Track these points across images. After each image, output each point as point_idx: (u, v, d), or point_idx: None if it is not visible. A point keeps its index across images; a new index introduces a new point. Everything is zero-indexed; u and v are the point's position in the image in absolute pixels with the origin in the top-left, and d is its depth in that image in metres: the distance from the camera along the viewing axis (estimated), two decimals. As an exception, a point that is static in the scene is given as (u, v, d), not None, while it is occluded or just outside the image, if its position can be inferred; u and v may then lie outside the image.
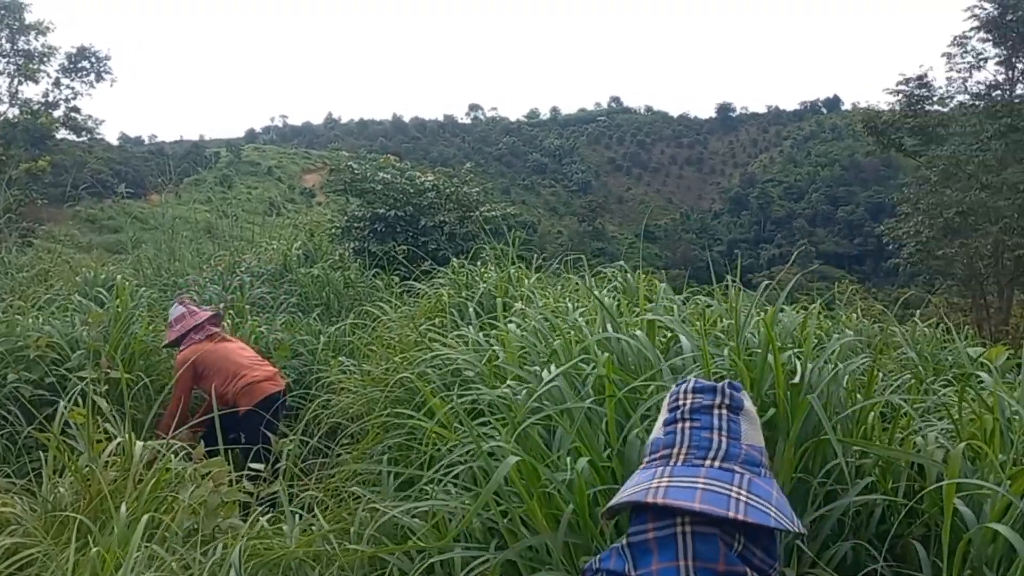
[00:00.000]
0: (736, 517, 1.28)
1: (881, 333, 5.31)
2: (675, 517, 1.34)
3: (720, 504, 1.30)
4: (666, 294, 4.45)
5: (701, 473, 1.38)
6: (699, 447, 1.42)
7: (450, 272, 6.06)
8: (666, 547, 1.33)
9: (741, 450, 1.42)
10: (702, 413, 1.47)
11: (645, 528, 1.37)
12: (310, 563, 2.92)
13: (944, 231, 25.02)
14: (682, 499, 1.31)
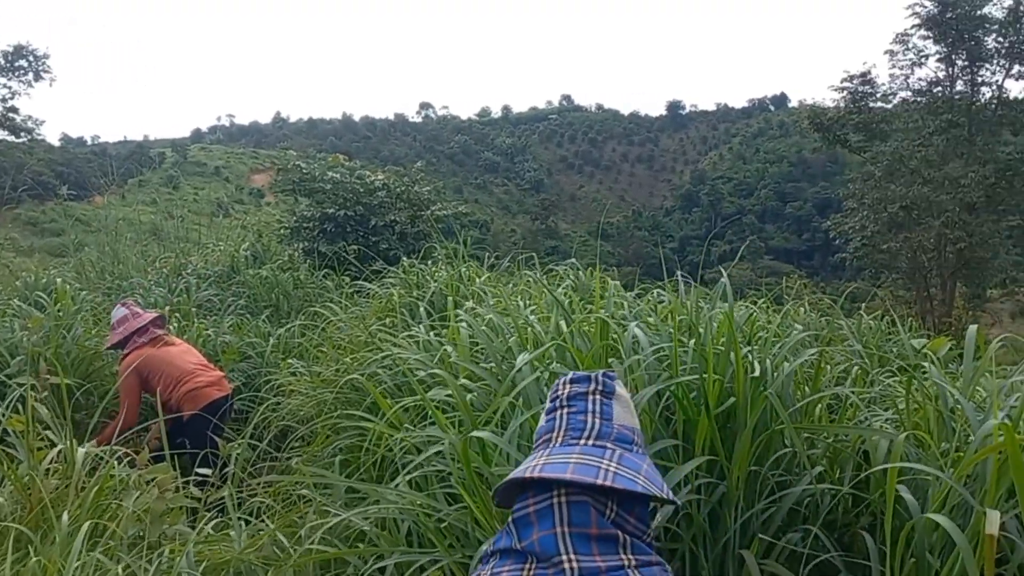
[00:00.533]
0: (604, 484, 1.43)
1: (828, 326, 5.40)
2: (552, 490, 1.47)
3: (590, 474, 1.44)
4: (617, 291, 4.46)
5: (576, 450, 1.52)
6: (575, 428, 1.58)
7: (401, 272, 6.01)
8: (544, 517, 1.46)
9: (613, 429, 1.58)
10: (578, 399, 1.62)
11: (527, 503, 1.50)
12: (262, 566, 2.87)
13: (888, 225, 25.59)
14: (556, 472, 1.45)
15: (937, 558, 2.37)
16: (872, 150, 27.11)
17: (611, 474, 1.46)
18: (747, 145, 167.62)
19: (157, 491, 3.10)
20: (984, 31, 26.17)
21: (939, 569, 2.33)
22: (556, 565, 1.41)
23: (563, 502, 1.46)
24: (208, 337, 6.24)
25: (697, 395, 2.96)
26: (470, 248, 6.62)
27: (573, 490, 1.46)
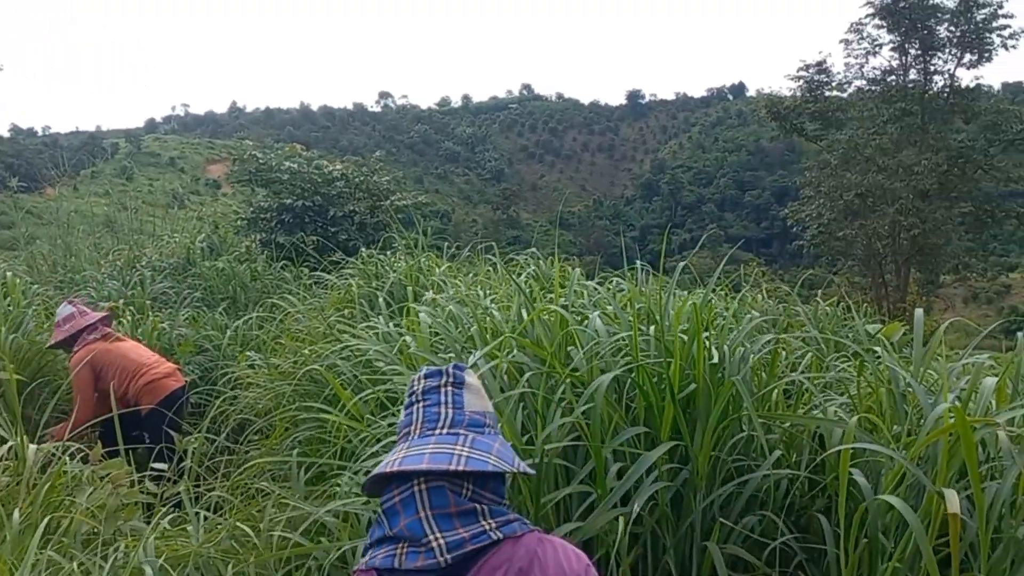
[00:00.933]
0: (457, 469, 1.58)
1: (785, 313, 5.46)
2: (412, 480, 1.61)
3: (444, 461, 1.59)
4: (578, 280, 4.47)
5: (432, 440, 1.65)
6: (430, 420, 1.70)
7: (359, 262, 5.96)
8: (408, 505, 1.61)
9: (465, 416, 1.72)
10: (432, 393, 1.74)
11: (392, 495, 1.64)
12: (221, 560, 2.84)
13: (844, 213, 25.96)
14: (413, 464, 1.59)
15: (891, 540, 2.41)
16: (828, 139, 27.47)
17: (463, 459, 1.61)
18: (706, 134, 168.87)
19: (111, 487, 3.05)
20: (936, 20, 26.62)
21: (892, 550, 2.37)
22: (425, 544, 1.57)
23: (423, 489, 1.61)
24: (163, 330, 6.14)
25: (659, 381, 2.98)
26: (431, 238, 6.59)
27: (431, 477, 1.61)
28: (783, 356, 3.87)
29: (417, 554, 1.58)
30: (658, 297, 3.54)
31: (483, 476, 1.65)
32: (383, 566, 1.60)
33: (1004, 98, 29.65)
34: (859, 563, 2.52)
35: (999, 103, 26.71)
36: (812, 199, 27.30)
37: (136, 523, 2.99)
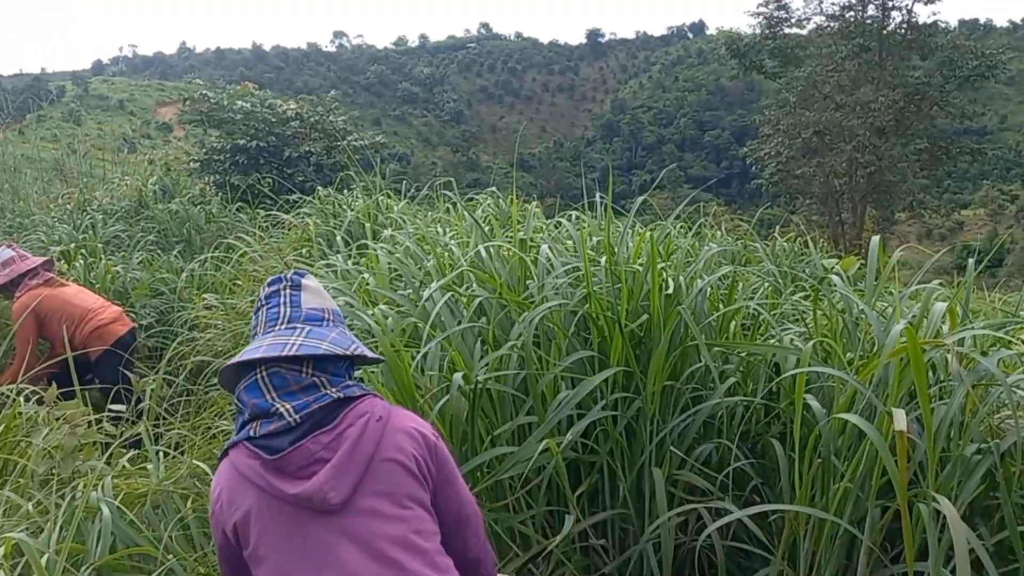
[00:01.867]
0: (288, 354, 1.78)
1: (744, 249, 5.50)
2: (255, 369, 1.81)
3: (277, 350, 1.79)
4: (536, 217, 4.45)
5: (270, 336, 1.85)
6: (272, 320, 1.90)
7: (317, 201, 5.86)
8: (252, 389, 1.80)
9: (302, 312, 1.90)
10: (273, 297, 1.94)
11: (241, 384, 1.83)
12: (180, 497, 2.83)
13: (803, 151, 26.15)
14: (251, 355, 1.80)
15: (842, 461, 2.47)
16: (787, 76, 27.49)
17: (296, 346, 1.81)
18: (666, 73, 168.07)
19: (68, 427, 3.01)
20: (895, -46, 26.56)
21: (844, 471, 2.43)
22: (273, 415, 1.76)
23: (264, 376, 1.80)
24: (117, 274, 6.02)
25: (612, 313, 2.99)
26: (389, 181, 6.50)
27: (269, 365, 1.81)
28: (740, 289, 3.90)
29: (269, 423, 1.76)
30: (615, 230, 3.53)
31: (322, 359, 1.84)
32: (239, 439, 1.80)
33: (960, 34, 29.76)
34: (811, 485, 2.59)
35: (955, 39, 26.84)
36: (771, 137, 27.41)
37: (94, 462, 2.96)
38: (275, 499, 1.74)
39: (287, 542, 1.73)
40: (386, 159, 8.64)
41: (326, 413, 1.79)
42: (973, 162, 28.43)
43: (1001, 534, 2.48)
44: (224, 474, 1.82)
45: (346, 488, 1.73)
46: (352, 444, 1.76)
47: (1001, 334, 2.76)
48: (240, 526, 1.78)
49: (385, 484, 1.79)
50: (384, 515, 1.76)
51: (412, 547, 1.76)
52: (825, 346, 3.13)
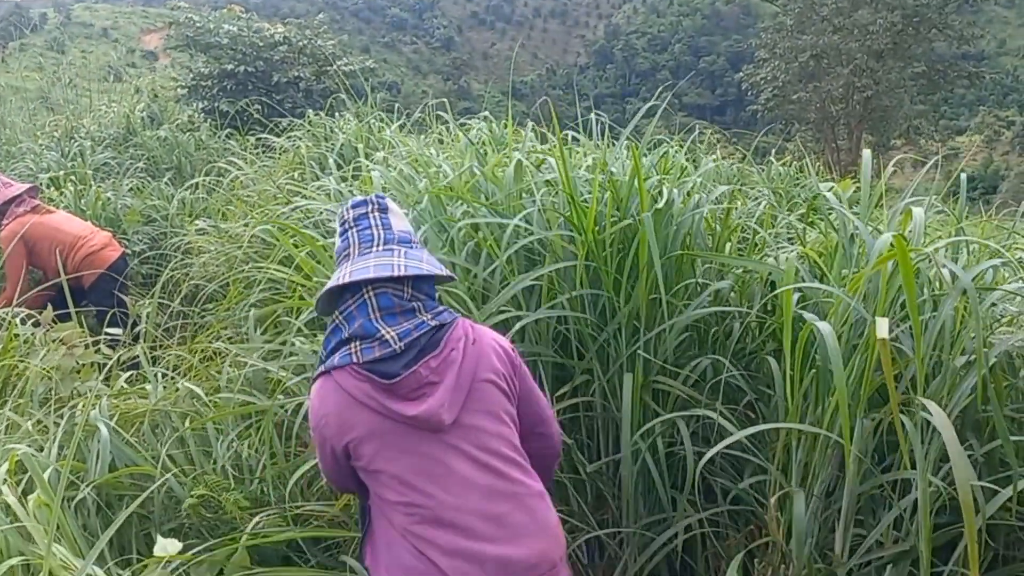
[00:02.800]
0: (397, 275, 1.92)
1: (739, 173, 5.47)
2: (362, 289, 1.94)
3: (386, 270, 1.92)
4: (531, 139, 4.40)
5: (372, 256, 1.96)
6: (366, 241, 2.00)
7: (307, 124, 5.78)
8: (361, 308, 1.94)
9: (395, 235, 2.02)
10: (362, 219, 2.03)
11: (347, 303, 1.96)
12: (179, 416, 2.85)
13: (799, 75, 25.81)
14: (363, 275, 1.91)
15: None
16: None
17: (402, 266, 1.94)
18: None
19: (65, 349, 3.01)
20: None
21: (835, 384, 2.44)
22: (376, 340, 1.91)
23: (372, 296, 1.94)
24: (108, 200, 5.97)
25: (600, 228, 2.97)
26: (380, 107, 6.40)
27: (377, 285, 1.94)
28: (737, 208, 3.89)
29: (371, 348, 1.90)
30: (608, 151, 3.51)
31: (419, 279, 1.98)
32: (341, 363, 1.92)
33: (960, -46, 29.08)
34: (804, 399, 2.61)
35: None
36: (767, 62, 27.00)
37: (93, 383, 2.98)
38: (389, 420, 1.90)
39: (404, 457, 1.91)
40: (376, 88, 8.48)
41: (427, 339, 1.94)
42: (970, 87, 28.13)
43: (992, 443, 2.52)
44: (331, 396, 1.95)
45: (456, 408, 1.93)
46: (457, 368, 1.94)
47: (992, 243, 2.76)
48: (354, 445, 1.93)
49: (485, 403, 1.99)
50: (486, 431, 1.97)
51: (509, 458, 1.99)
52: (820, 263, 3.14)
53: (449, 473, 1.91)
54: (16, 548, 1.86)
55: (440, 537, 1.89)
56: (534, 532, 1.97)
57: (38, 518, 1.95)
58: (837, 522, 2.49)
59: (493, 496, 1.93)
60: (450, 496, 1.90)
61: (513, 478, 1.98)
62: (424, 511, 1.90)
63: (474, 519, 1.90)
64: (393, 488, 1.92)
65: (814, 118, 26.62)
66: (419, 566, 1.89)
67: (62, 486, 1.88)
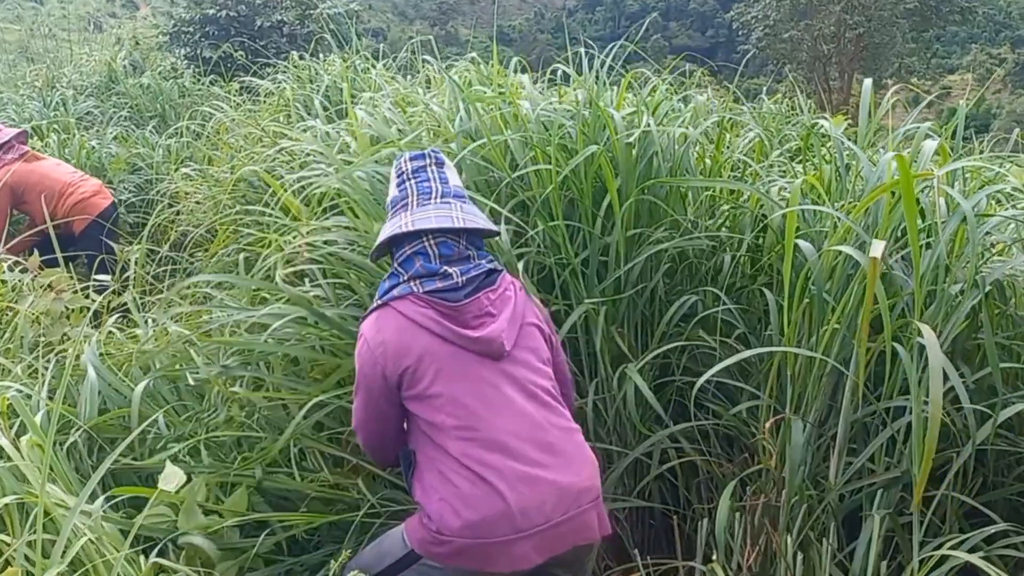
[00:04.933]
0: (457, 227, 2.07)
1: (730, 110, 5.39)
2: (421, 238, 2.08)
3: (447, 221, 2.06)
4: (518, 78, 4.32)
5: (431, 207, 2.10)
6: (424, 193, 2.13)
7: (291, 66, 5.67)
8: (422, 253, 2.07)
9: (451, 188, 2.16)
10: (420, 172, 2.16)
11: (405, 250, 2.09)
12: (169, 359, 2.83)
13: (791, 13, 25.53)
14: (425, 224, 2.05)
15: (833, 296, 2.48)
16: (776, -66, 26.50)
17: (461, 219, 2.08)
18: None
19: (54, 294, 2.98)
20: None
21: (835, 305, 2.44)
22: (439, 275, 2.05)
23: (432, 243, 2.08)
24: (92, 149, 5.88)
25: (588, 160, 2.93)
26: (365, 52, 6.27)
27: (437, 234, 2.08)
28: (727, 142, 3.85)
29: (433, 281, 2.04)
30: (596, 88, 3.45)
31: (472, 232, 2.13)
32: (401, 294, 2.05)
33: None
34: (798, 329, 2.61)
35: None
36: (758, 0, 26.66)
37: (83, 328, 2.95)
38: (449, 343, 2.01)
39: (462, 381, 2.00)
40: (361, 34, 8.34)
41: (484, 277, 2.09)
42: (963, 23, 27.80)
43: (982, 371, 2.53)
44: (391, 323, 2.04)
45: (512, 339, 2.06)
46: (512, 304, 2.10)
47: (993, 166, 2.74)
48: (411, 371, 2.01)
49: (531, 342, 2.12)
50: (534, 367, 2.10)
51: (553, 395, 2.11)
52: (819, 190, 3.11)
53: (504, 399, 2.01)
54: (10, 488, 1.85)
55: (497, 461, 1.95)
56: (581, 462, 2.06)
57: (31, 459, 1.94)
58: (832, 449, 2.50)
59: (543, 426, 2.03)
60: (506, 421, 1.99)
61: (558, 410, 2.09)
62: (481, 434, 1.97)
63: (528, 445, 1.99)
64: (450, 412, 1.98)
65: (806, 57, 26.40)
66: (476, 492, 1.94)
67: (53, 428, 1.87)
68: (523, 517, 1.93)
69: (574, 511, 2.00)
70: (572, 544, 2.01)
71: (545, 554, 1.96)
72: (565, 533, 1.99)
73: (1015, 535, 2.23)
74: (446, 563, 1.97)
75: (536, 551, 1.95)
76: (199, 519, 2.21)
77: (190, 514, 2.19)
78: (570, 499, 1.99)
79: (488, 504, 1.93)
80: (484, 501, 1.93)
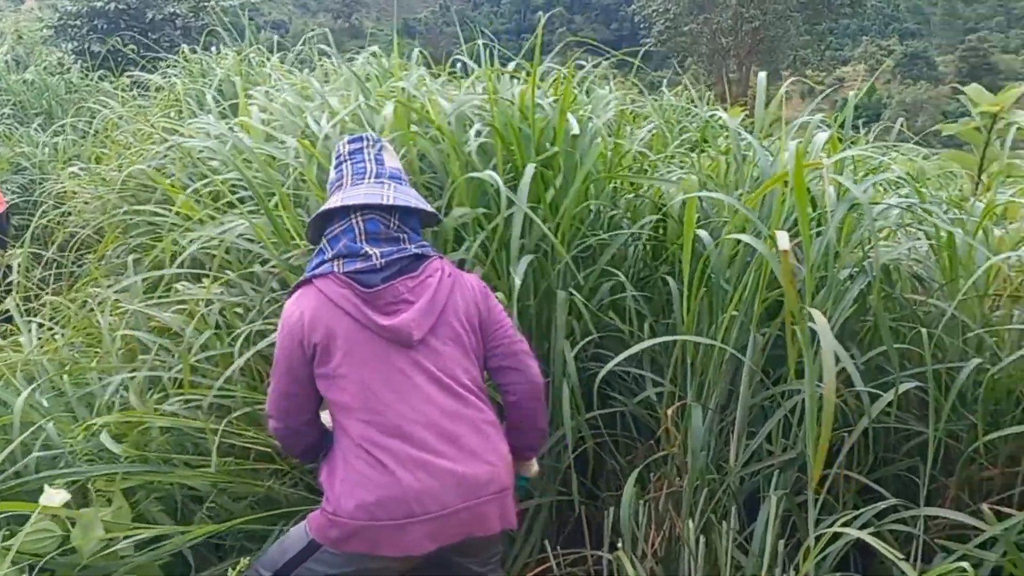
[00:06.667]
0: (385, 203, 2.08)
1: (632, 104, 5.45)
2: (350, 215, 2.09)
3: (375, 198, 2.08)
4: (418, 70, 4.27)
5: (363, 187, 2.12)
6: (359, 173, 2.16)
7: (183, 60, 5.48)
8: (348, 231, 2.09)
9: (386, 169, 2.18)
10: (357, 153, 2.19)
11: (334, 227, 2.11)
12: (56, 368, 2.70)
13: (690, 7, 26.07)
14: (351, 200, 2.08)
15: (731, 285, 2.53)
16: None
17: (391, 197, 2.09)
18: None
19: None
20: None
21: (731, 294, 2.49)
22: (360, 255, 2.05)
23: (359, 220, 2.08)
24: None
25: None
26: (264, 45, 6.11)
27: (366, 211, 2.09)
28: (629, 133, 3.89)
29: (354, 262, 2.04)
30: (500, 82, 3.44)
31: (406, 213, 2.13)
32: (324, 271, 2.05)
33: None
34: (698, 318, 2.65)
35: None
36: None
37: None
38: (363, 327, 2.01)
39: (370, 365, 2.00)
40: (261, 27, 8.12)
41: (408, 262, 2.08)
42: (854, 15, 28.90)
43: (871, 352, 2.62)
44: (310, 298, 2.05)
45: (425, 328, 2.04)
46: (432, 292, 2.07)
47: (878, 155, 2.83)
48: (323, 345, 2.01)
49: (452, 332, 2.10)
50: (451, 357, 2.08)
51: (468, 386, 2.09)
52: (710, 186, 3.17)
53: (411, 387, 2.01)
54: None
55: (397, 447, 1.96)
56: (486, 455, 2.05)
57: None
58: (731, 434, 2.55)
59: (450, 416, 2.02)
60: (409, 408, 1.99)
61: (470, 402, 2.08)
62: (382, 419, 1.98)
63: (430, 434, 1.99)
64: (354, 394, 1.99)
65: (706, 51, 27.06)
66: (374, 475, 1.95)
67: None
68: (417, 502, 1.93)
69: (472, 501, 1.99)
70: (467, 534, 2.01)
71: (438, 541, 1.97)
72: (460, 523, 1.99)
73: (904, 510, 2.32)
74: (340, 548, 1.97)
75: (428, 538, 1.95)
76: (97, 532, 2.10)
77: (88, 528, 2.08)
78: (469, 489, 1.99)
79: (383, 486, 1.94)
80: (379, 483, 1.94)
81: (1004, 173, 3.31)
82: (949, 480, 2.54)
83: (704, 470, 2.47)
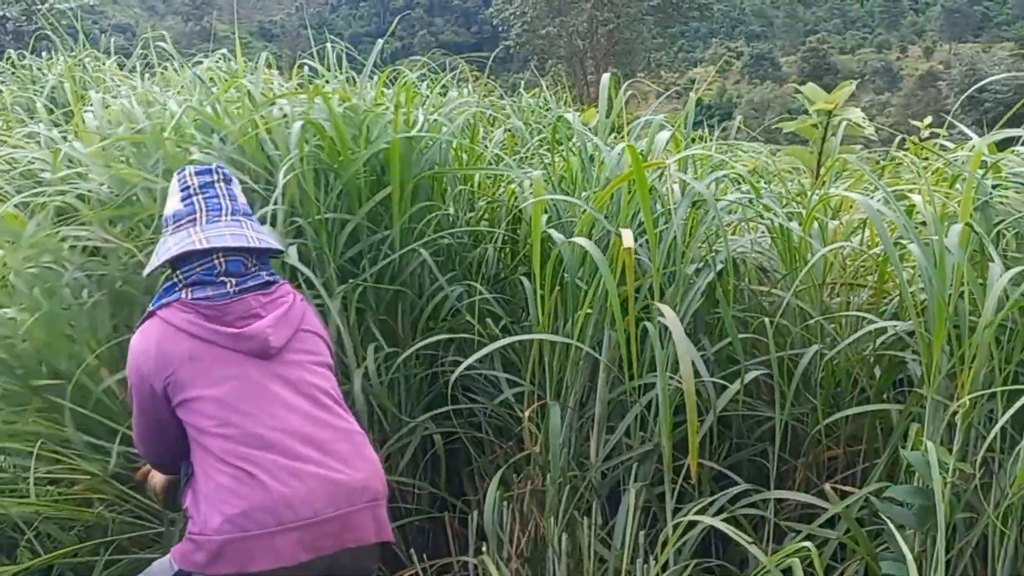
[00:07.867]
0: (252, 245, 2.04)
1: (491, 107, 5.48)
2: (212, 255, 2.02)
3: (242, 240, 2.03)
4: (267, 72, 4.14)
5: (222, 225, 2.05)
6: (215, 209, 2.07)
7: (9, 67, 5.12)
8: (209, 271, 2.01)
9: (240, 206, 2.13)
10: (208, 187, 2.10)
11: (193, 267, 2.02)
12: None
13: (547, 11, 26.55)
14: (220, 242, 2.01)
15: (585, 282, 2.57)
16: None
17: (255, 239, 2.05)
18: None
19: None
20: None
21: (584, 292, 2.53)
22: (215, 284, 1.99)
23: (222, 261, 2.02)
24: None
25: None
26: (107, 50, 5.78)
27: (228, 252, 2.03)
28: (482, 136, 3.91)
29: (205, 289, 1.98)
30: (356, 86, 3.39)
31: (260, 251, 2.10)
32: (168, 301, 1.98)
33: None
34: (555, 316, 2.68)
35: None
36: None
37: None
38: (211, 344, 1.94)
39: (224, 382, 1.93)
40: (105, 30, 7.71)
41: (260, 286, 2.05)
42: (702, 18, 30.13)
43: (721, 343, 2.72)
44: (155, 330, 1.97)
45: (283, 338, 2.00)
46: (286, 308, 2.05)
47: (719, 154, 2.94)
48: (173, 380, 1.93)
49: (310, 347, 2.08)
50: (310, 369, 2.04)
51: (331, 396, 2.06)
52: (564, 185, 3.22)
53: (271, 397, 1.95)
54: None
55: (261, 456, 1.90)
56: (356, 461, 2.00)
57: None
58: (591, 430, 2.59)
59: (315, 422, 1.98)
60: (270, 417, 1.93)
61: (335, 412, 2.04)
62: (242, 431, 1.91)
63: (295, 441, 1.93)
64: (210, 414, 1.91)
65: (564, 53, 27.58)
66: (239, 487, 1.87)
67: None
68: (289, 508, 1.86)
69: (345, 508, 1.93)
70: (341, 544, 1.93)
71: (311, 552, 1.88)
72: (334, 531, 1.91)
73: (755, 494, 2.41)
74: (207, 572, 1.87)
75: (301, 546, 1.87)
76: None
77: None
78: (342, 496, 1.93)
79: (250, 496, 1.85)
80: (246, 495, 1.85)
81: (839, 167, 3.51)
82: (798, 462, 2.66)
83: (565, 468, 2.50)
